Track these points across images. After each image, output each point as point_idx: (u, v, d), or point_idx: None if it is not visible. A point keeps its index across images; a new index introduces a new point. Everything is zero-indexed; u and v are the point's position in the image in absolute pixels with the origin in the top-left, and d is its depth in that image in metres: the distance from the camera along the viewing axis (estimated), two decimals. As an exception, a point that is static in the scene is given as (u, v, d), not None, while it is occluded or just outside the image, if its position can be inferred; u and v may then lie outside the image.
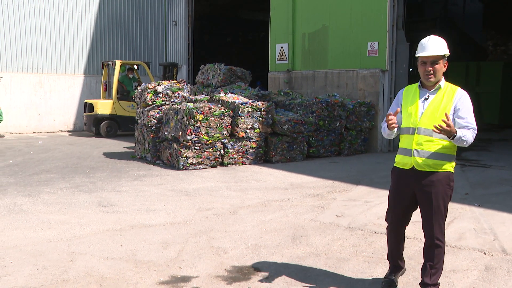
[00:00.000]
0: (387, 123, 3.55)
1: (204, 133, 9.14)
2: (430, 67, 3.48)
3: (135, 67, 15.80)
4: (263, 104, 9.83)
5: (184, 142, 9.06)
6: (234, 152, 9.56)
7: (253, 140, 9.73)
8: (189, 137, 9.01)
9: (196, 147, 9.14)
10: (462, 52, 19.03)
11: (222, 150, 9.44)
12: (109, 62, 15.61)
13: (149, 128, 9.97)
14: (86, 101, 15.61)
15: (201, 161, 9.22)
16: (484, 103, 16.80)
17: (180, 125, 9.18)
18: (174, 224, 5.61)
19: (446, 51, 3.51)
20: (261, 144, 9.86)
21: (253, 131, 9.68)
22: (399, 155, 3.67)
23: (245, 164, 9.66)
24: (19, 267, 4.25)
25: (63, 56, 17.01)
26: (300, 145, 10.26)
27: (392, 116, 3.52)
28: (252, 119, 9.65)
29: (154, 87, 10.31)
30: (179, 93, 10.37)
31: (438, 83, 3.55)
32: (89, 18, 17.43)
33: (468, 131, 3.42)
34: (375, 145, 11.65)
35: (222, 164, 9.50)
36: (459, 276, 4.11)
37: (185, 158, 9.05)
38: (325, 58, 12.83)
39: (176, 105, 9.79)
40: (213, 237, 5.13)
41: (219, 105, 9.60)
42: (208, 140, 9.21)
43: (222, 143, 9.43)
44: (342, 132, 11.03)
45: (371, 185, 7.75)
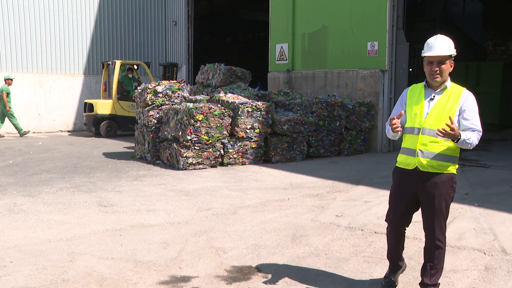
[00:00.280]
0: (391, 127, 3.50)
1: (204, 133, 9.14)
2: (437, 67, 3.44)
3: (135, 67, 15.80)
4: (263, 104, 9.83)
5: (184, 142, 9.06)
6: (234, 152, 9.56)
7: (253, 140, 9.74)
8: (189, 137, 9.01)
9: (196, 147, 9.14)
10: (462, 52, 18.97)
11: (222, 150, 9.44)
12: (109, 62, 15.61)
13: (149, 128, 9.97)
14: (86, 101, 15.60)
15: (201, 161, 9.22)
16: (484, 103, 16.78)
17: (180, 125, 9.19)
18: (174, 224, 5.61)
19: (453, 51, 3.47)
20: (261, 144, 9.86)
21: (253, 131, 9.68)
22: (402, 155, 3.63)
23: (245, 164, 9.66)
24: (19, 267, 4.25)
25: (63, 56, 17.01)
26: (300, 145, 10.26)
27: (396, 120, 3.47)
28: (252, 119, 9.65)
29: (154, 87, 10.31)
30: (179, 93, 10.37)
31: (444, 84, 3.51)
32: (89, 18, 17.43)
33: (473, 133, 3.38)
34: (375, 145, 11.65)
35: (222, 164, 9.50)
36: (459, 276, 4.11)
37: (185, 158, 9.06)
38: (325, 58, 12.83)
39: (176, 105, 9.79)
40: (213, 237, 5.13)
41: (219, 105, 9.61)
42: (208, 140, 9.21)
43: (222, 143, 9.43)
44: (342, 132, 11.03)
45: (371, 185, 7.75)
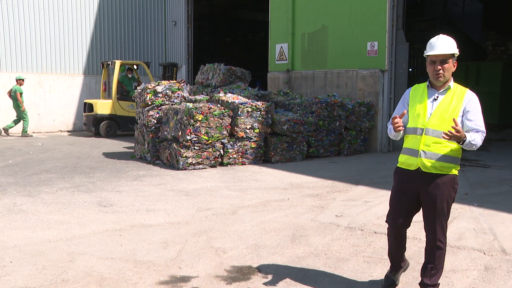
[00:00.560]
0: (393, 126, 3.47)
1: (204, 133, 9.14)
2: (439, 66, 3.42)
3: (135, 67, 15.79)
4: (263, 104, 9.83)
5: (184, 142, 9.06)
6: (234, 152, 9.56)
7: (253, 140, 9.74)
8: (189, 137, 9.01)
9: (196, 147, 9.14)
10: (462, 52, 18.95)
11: (222, 150, 9.44)
12: (109, 62, 15.61)
13: (149, 128, 9.97)
14: (86, 101, 15.60)
15: (201, 161, 9.22)
16: (484, 103, 16.76)
17: (180, 125, 9.18)
18: (174, 224, 5.61)
19: (456, 50, 3.45)
20: (261, 144, 9.86)
21: (253, 131, 9.68)
22: (404, 155, 3.59)
23: (245, 164, 9.66)
24: (19, 267, 4.25)
25: (63, 56, 17.00)
26: (300, 145, 10.26)
27: (398, 119, 3.44)
28: (252, 119, 9.65)
29: (154, 87, 10.31)
30: (179, 93, 10.37)
31: (448, 84, 3.49)
32: (89, 18, 17.42)
33: (477, 134, 3.37)
34: (375, 145, 11.65)
35: (222, 164, 9.50)
36: (459, 276, 4.11)
37: (185, 158, 9.05)
38: (325, 58, 12.83)
39: (176, 105, 9.78)
40: (213, 237, 5.13)
41: (219, 105, 9.61)
42: (208, 140, 9.21)
43: (222, 143, 9.43)
44: (342, 132, 11.03)
45: (371, 185, 7.75)
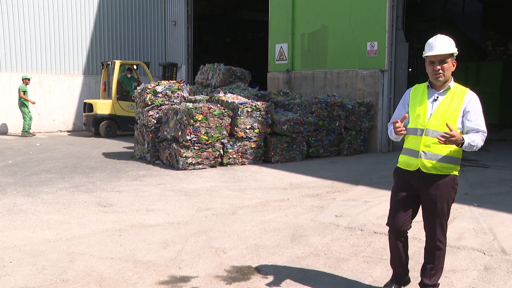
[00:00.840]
0: (395, 131, 3.46)
1: (204, 133, 9.14)
2: (439, 66, 3.40)
3: (135, 67, 15.79)
4: (263, 104, 9.83)
5: (184, 142, 9.06)
6: (234, 152, 9.56)
7: (253, 140, 9.73)
8: (189, 137, 9.01)
9: (196, 147, 9.14)
10: (462, 52, 18.96)
11: (222, 150, 9.44)
12: (109, 62, 15.61)
13: (149, 128, 9.97)
14: (86, 101, 15.59)
15: (201, 161, 9.22)
16: (484, 103, 16.77)
17: (180, 125, 9.18)
18: (174, 224, 5.61)
19: (454, 50, 3.44)
20: (261, 144, 9.86)
21: (253, 131, 9.68)
22: (404, 156, 3.57)
23: (245, 164, 9.66)
24: (19, 267, 4.25)
25: (63, 56, 17.00)
26: (300, 145, 10.26)
27: (400, 123, 3.42)
28: (252, 119, 9.65)
29: (154, 87, 10.31)
30: (179, 93, 10.37)
31: (448, 84, 3.48)
32: (89, 18, 17.42)
33: (477, 135, 3.36)
34: (375, 145, 11.65)
35: (222, 164, 9.50)
36: (459, 276, 4.11)
37: (185, 158, 9.05)
38: (325, 58, 12.83)
39: (176, 105, 9.78)
40: (213, 237, 5.13)
41: (219, 105, 9.60)
42: (208, 140, 9.21)
43: (222, 143, 9.43)
44: (342, 132, 11.03)
45: (371, 185, 7.75)
